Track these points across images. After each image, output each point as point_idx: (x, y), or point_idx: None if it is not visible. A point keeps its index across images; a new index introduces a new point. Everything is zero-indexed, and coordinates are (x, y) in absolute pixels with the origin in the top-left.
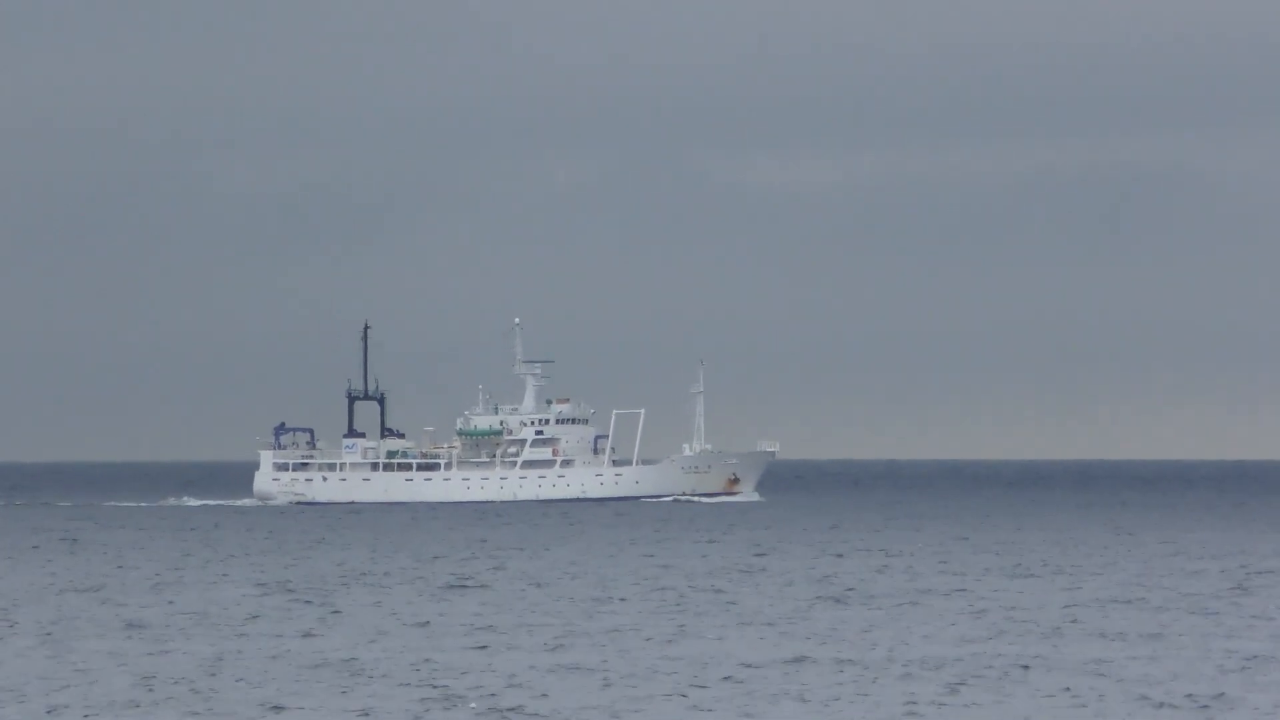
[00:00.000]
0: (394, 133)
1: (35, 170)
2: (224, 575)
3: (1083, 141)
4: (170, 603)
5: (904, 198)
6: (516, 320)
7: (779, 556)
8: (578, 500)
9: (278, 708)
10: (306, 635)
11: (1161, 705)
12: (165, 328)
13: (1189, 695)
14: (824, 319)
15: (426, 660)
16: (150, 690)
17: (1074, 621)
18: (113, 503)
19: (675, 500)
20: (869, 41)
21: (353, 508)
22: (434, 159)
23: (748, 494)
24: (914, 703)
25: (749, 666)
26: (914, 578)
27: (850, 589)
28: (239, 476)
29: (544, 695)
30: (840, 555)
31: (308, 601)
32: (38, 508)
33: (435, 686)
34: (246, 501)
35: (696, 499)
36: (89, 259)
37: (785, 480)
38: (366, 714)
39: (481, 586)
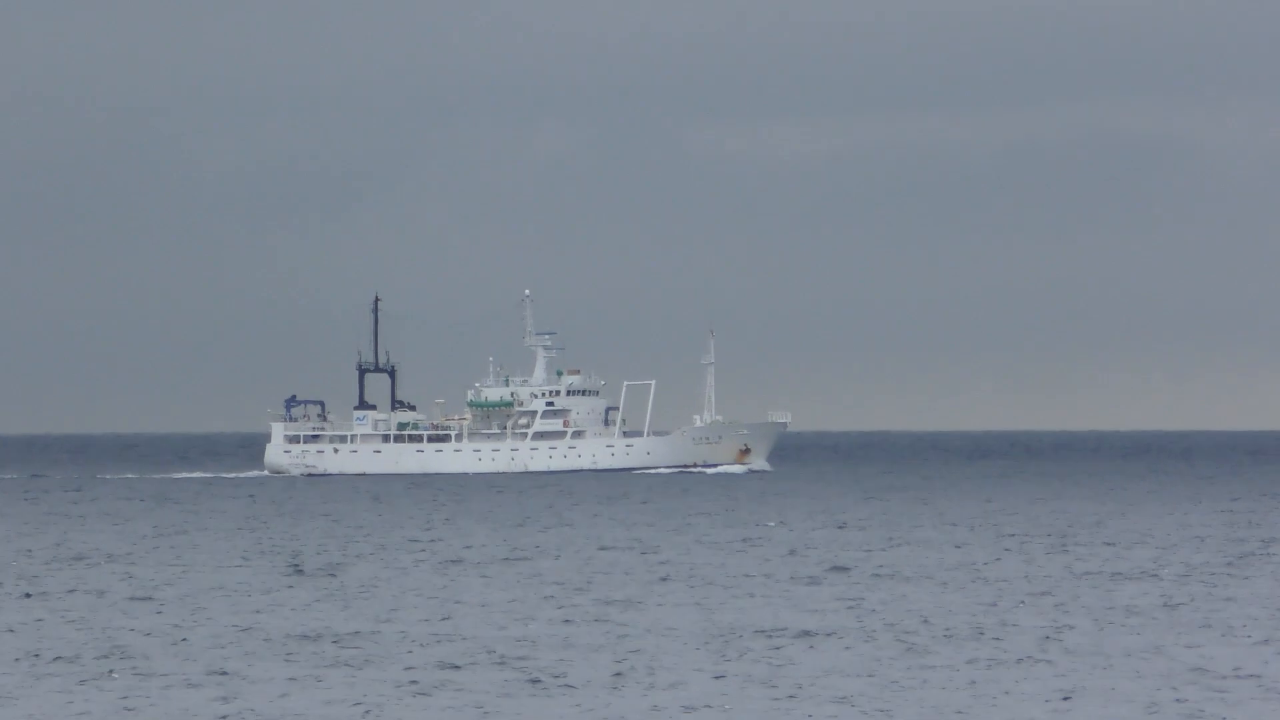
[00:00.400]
0: (399, 104)
1: (41, 140)
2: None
3: (1070, 111)
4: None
5: (904, 167)
6: (527, 292)
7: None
8: (589, 471)
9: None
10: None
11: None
12: (176, 300)
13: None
14: (833, 289)
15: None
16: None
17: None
18: (110, 475)
19: (683, 471)
20: (860, 13)
21: (364, 479)
22: (436, 129)
23: (758, 464)
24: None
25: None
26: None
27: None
28: (252, 449)
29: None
30: (842, 527)
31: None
32: (37, 479)
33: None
34: (255, 474)
35: (701, 469)
36: (101, 231)
37: (796, 451)
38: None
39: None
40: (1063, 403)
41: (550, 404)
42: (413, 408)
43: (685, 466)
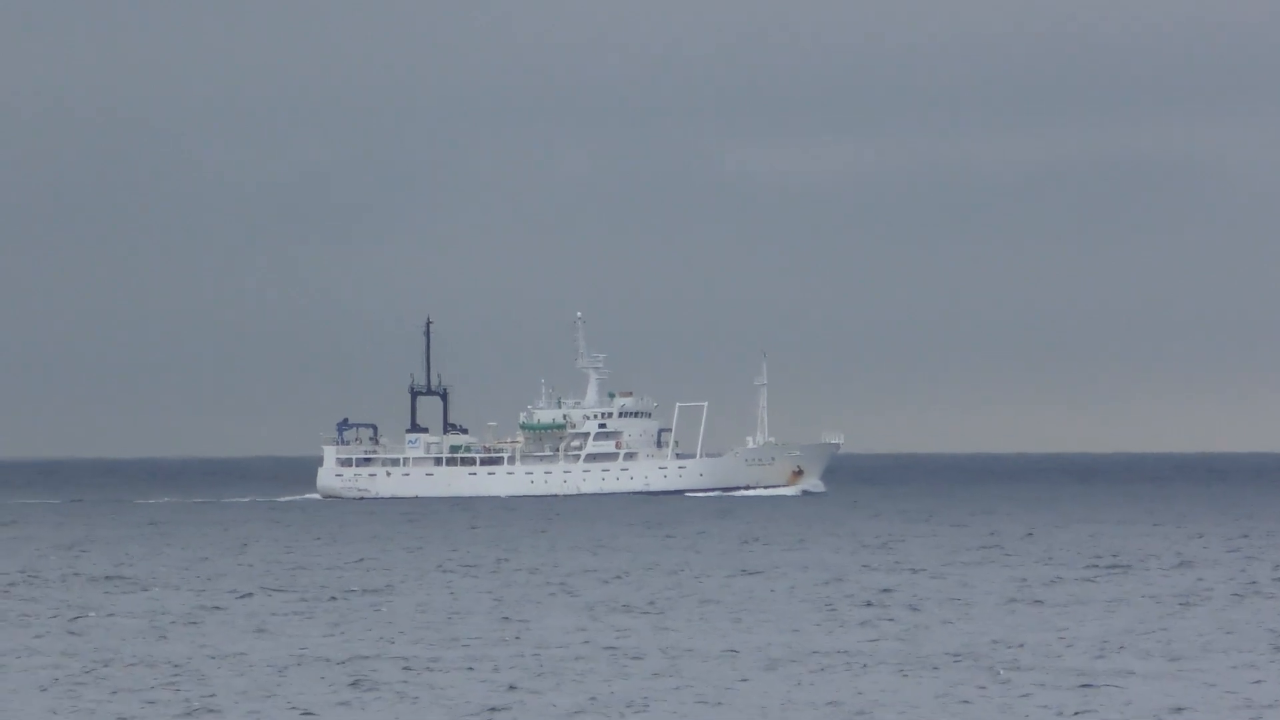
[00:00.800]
0: (441, 120)
1: (75, 157)
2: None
3: (1091, 131)
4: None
5: (944, 186)
6: (579, 314)
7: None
8: (641, 493)
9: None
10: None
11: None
12: (230, 323)
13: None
14: (886, 308)
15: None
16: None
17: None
18: (144, 500)
19: (729, 492)
20: (880, 31)
21: (418, 502)
22: (483, 146)
23: (813, 485)
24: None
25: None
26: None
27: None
28: (304, 472)
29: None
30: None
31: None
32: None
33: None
34: (310, 496)
35: (748, 490)
36: (154, 257)
37: (851, 473)
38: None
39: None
40: (1103, 424)
41: (603, 426)
42: (465, 430)
43: (734, 488)
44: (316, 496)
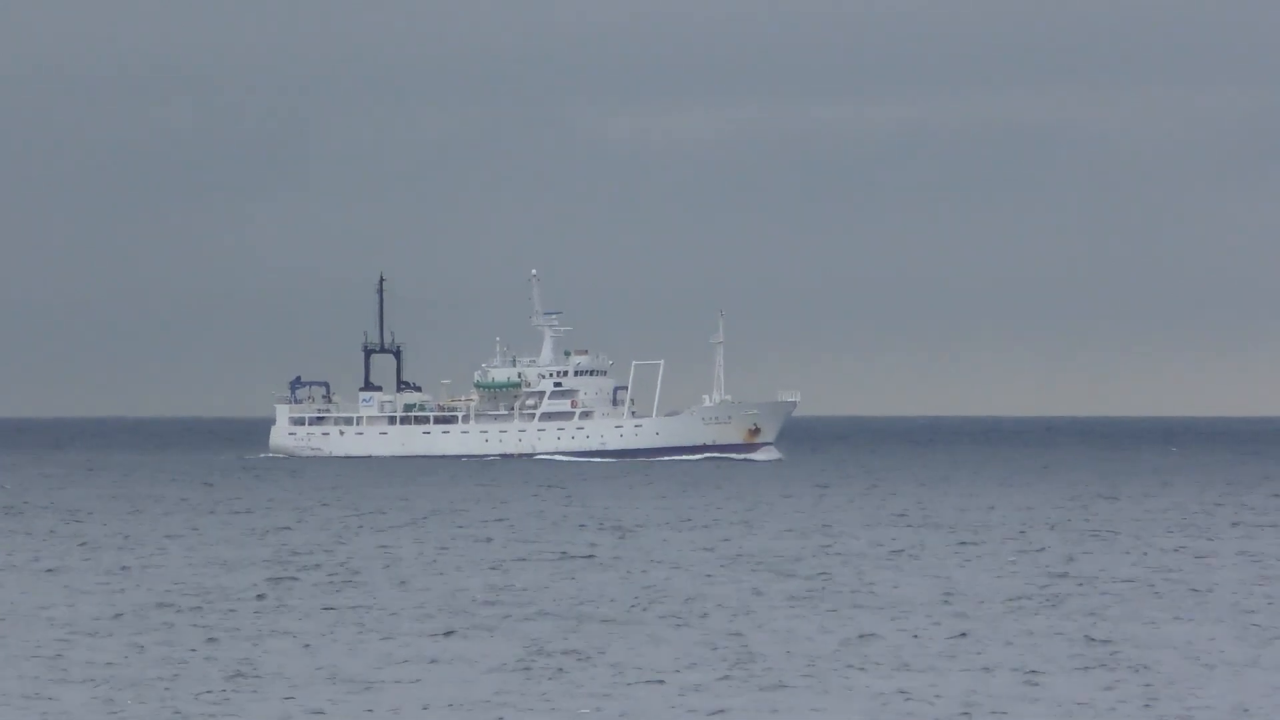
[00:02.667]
0: (399, 79)
1: (43, 120)
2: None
3: (960, 97)
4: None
5: (921, 144)
6: (534, 271)
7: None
8: (597, 453)
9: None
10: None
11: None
12: (178, 281)
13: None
14: (842, 268)
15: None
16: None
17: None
18: (133, 457)
19: (705, 457)
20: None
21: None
22: (436, 106)
23: (769, 452)
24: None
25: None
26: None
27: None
28: (258, 432)
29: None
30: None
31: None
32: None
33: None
34: (264, 455)
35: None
36: (98, 214)
37: (805, 437)
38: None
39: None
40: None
41: (558, 384)
42: (418, 389)
43: (695, 447)
44: (271, 455)
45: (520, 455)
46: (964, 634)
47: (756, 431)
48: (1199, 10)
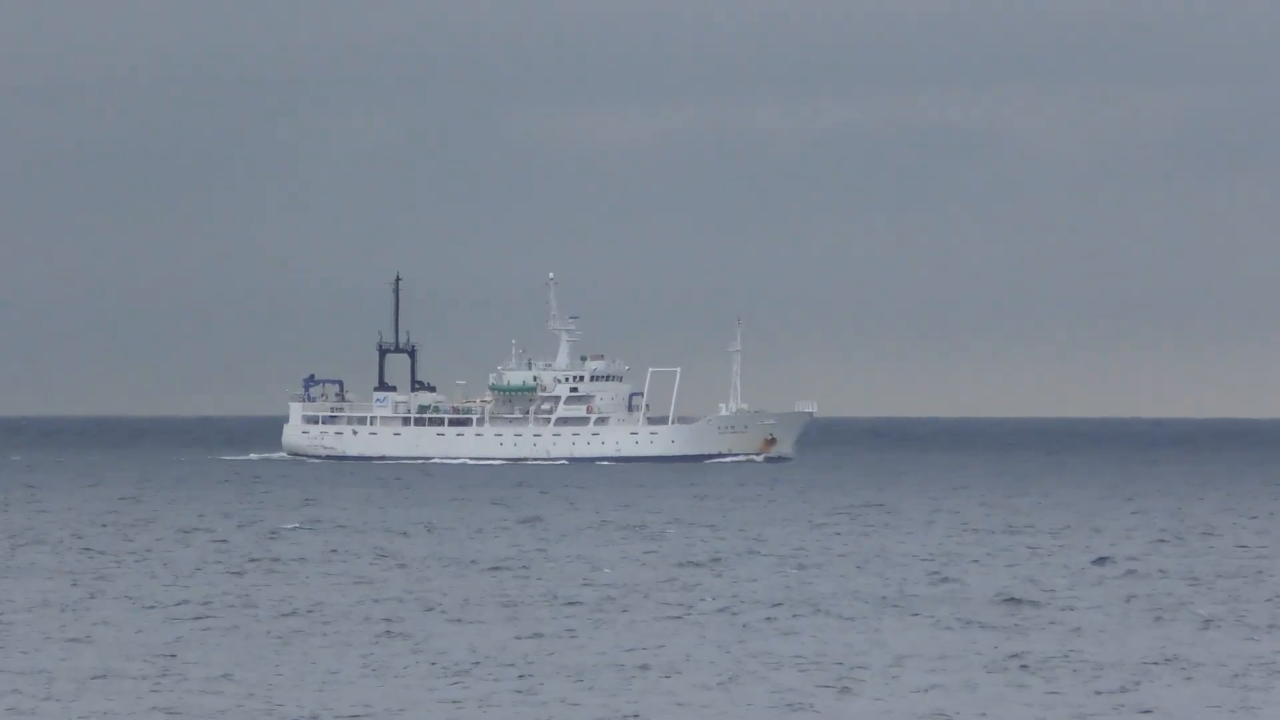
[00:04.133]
0: (425, 83)
1: (54, 121)
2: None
3: (887, 99)
4: None
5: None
6: (551, 275)
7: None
8: (612, 459)
9: None
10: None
11: None
12: (195, 279)
13: None
14: (858, 275)
15: None
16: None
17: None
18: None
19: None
20: None
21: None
22: (459, 109)
23: (783, 451)
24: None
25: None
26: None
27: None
28: (272, 431)
29: None
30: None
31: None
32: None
33: None
34: (276, 456)
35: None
36: (115, 212)
37: (823, 438)
38: None
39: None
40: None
41: (574, 389)
42: (433, 389)
43: (707, 456)
44: (283, 455)
45: (534, 460)
46: None
47: (772, 441)
48: (1131, 14)
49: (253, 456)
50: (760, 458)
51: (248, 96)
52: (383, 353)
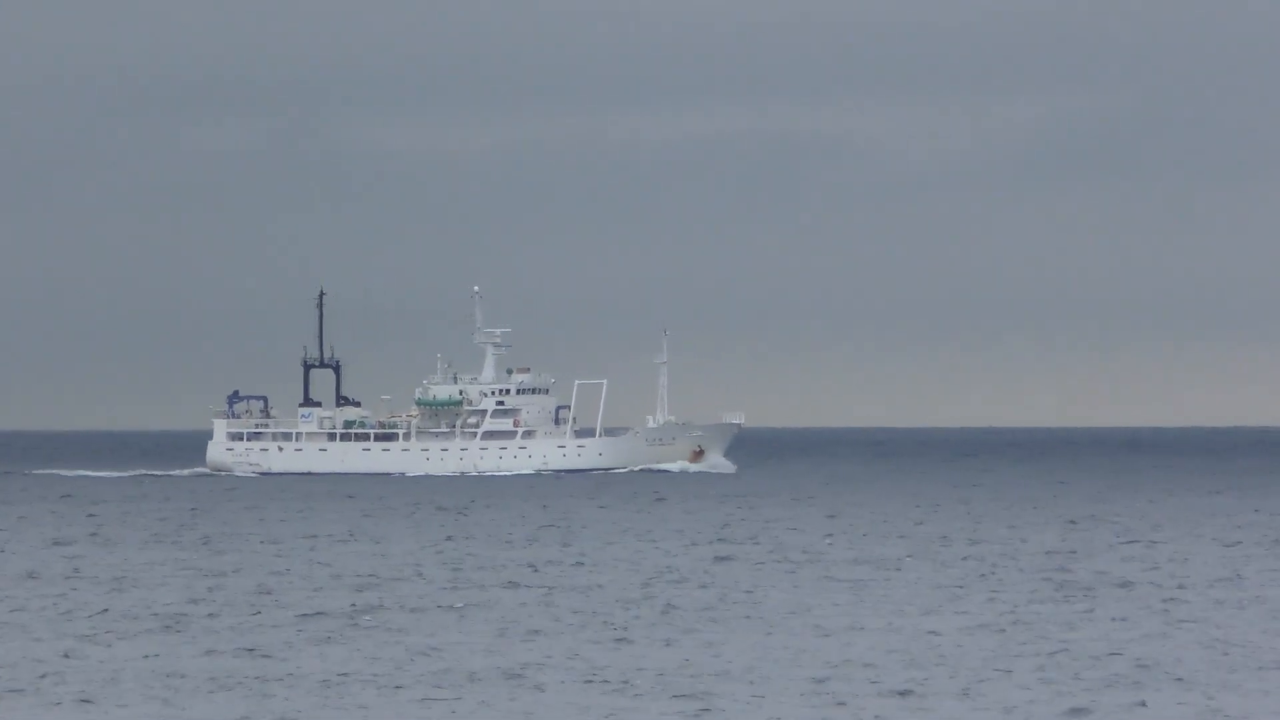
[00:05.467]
0: (343, 93)
1: None
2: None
3: (744, 109)
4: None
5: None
6: (476, 288)
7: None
8: (540, 472)
9: None
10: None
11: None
12: (117, 292)
13: None
14: (784, 283)
15: None
16: None
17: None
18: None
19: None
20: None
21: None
22: (384, 119)
23: (722, 464)
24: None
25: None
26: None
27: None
28: (195, 446)
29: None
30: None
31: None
32: None
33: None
34: (199, 471)
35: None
36: (34, 222)
37: (753, 450)
38: None
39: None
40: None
41: (500, 403)
42: (358, 404)
43: (635, 468)
44: (205, 471)
45: (461, 474)
46: None
47: (701, 453)
48: (985, 24)
49: (181, 473)
50: (692, 468)
51: (166, 106)
52: (307, 368)
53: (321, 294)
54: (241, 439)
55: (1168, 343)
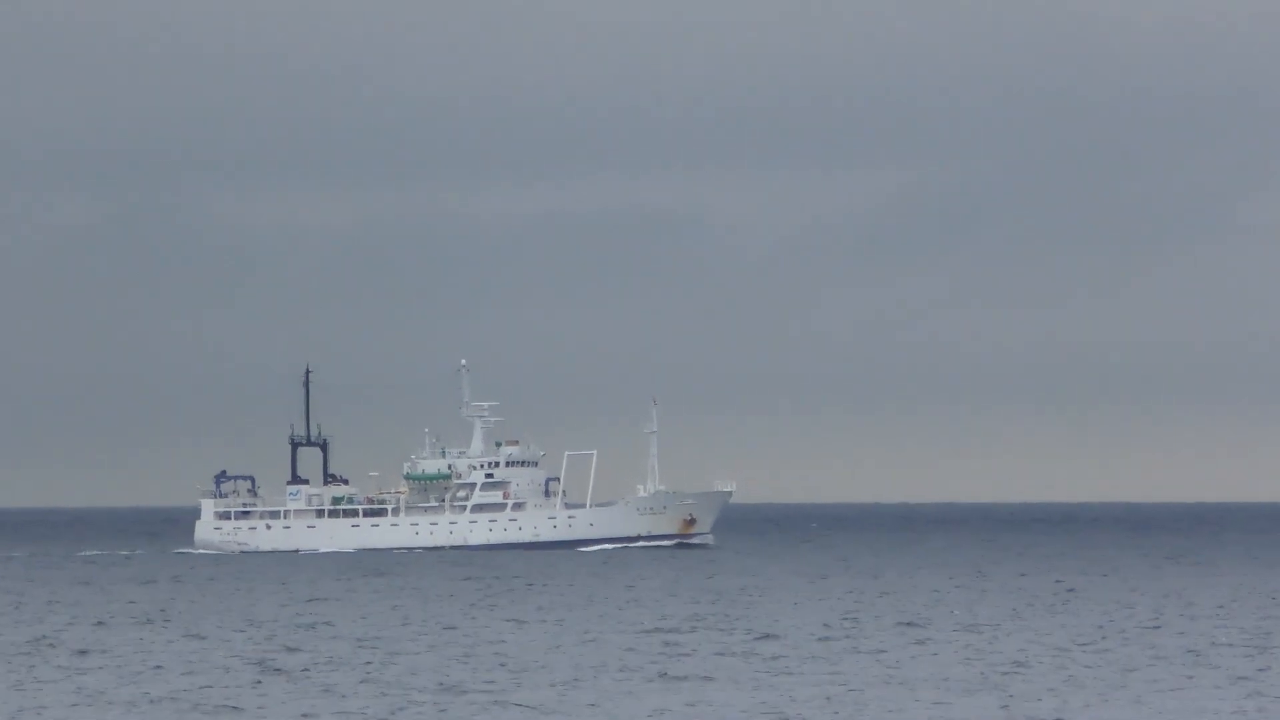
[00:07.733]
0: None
1: None
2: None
3: (591, 184)
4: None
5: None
6: (463, 362)
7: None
8: (530, 544)
9: None
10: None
11: None
12: (105, 373)
13: None
14: (777, 353)
15: None
16: None
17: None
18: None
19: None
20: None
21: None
22: (359, 190)
23: (702, 535)
24: None
25: None
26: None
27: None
28: (184, 525)
29: None
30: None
31: None
32: None
33: None
34: (188, 550)
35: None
36: (24, 306)
37: (742, 524)
38: None
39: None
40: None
41: (489, 475)
42: (346, 481)
43: (626, 539)
44: (194, 550)
45: (451, 548)
46: None
47: (692, 522)
48: (831, 97)
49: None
50: (677, 540)
51: (154, 185)
52: (295, 446)
53: (308, 371)
54: (229, 518)
55: (1028, 409)
